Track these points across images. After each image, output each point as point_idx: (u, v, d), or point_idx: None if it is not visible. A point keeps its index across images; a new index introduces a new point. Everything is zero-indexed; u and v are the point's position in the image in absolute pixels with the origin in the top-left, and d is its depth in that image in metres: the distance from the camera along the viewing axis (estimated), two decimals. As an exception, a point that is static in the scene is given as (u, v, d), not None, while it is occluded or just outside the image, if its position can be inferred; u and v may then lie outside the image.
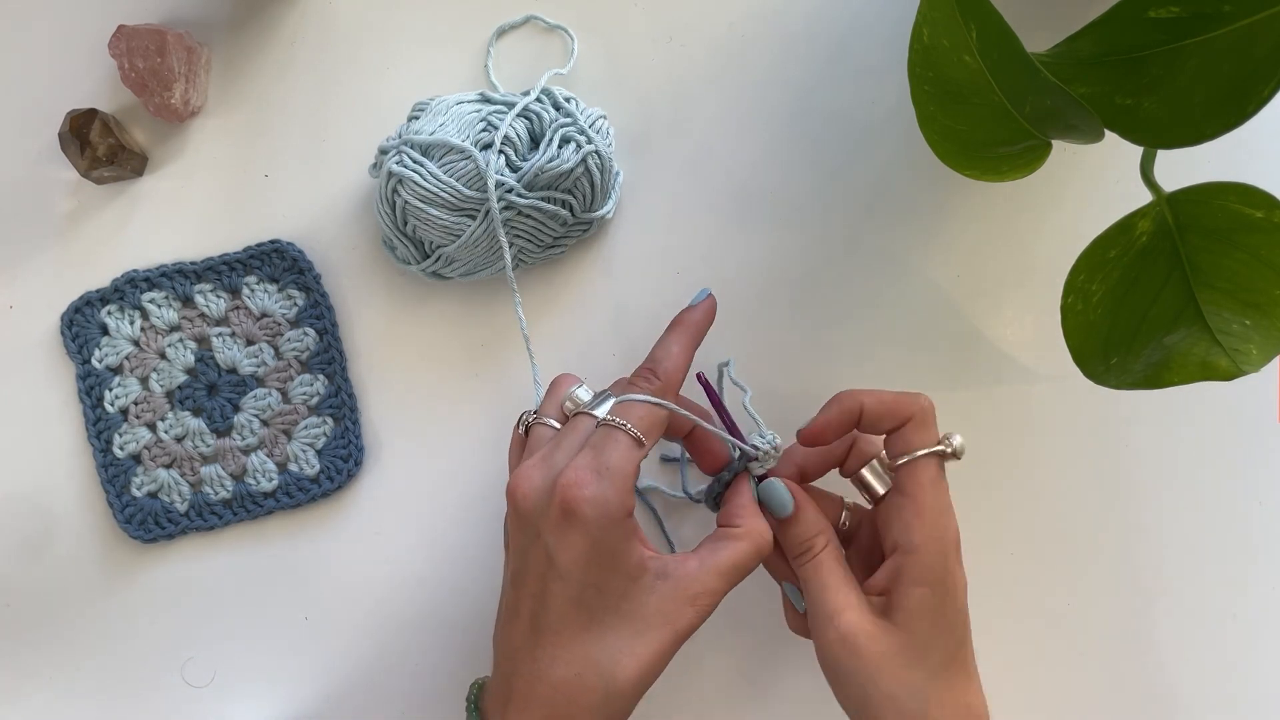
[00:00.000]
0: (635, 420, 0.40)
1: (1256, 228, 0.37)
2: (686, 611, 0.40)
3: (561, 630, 0.39)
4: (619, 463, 0.39)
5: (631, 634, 0.39)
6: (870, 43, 0.53)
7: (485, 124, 0.49)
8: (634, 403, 0.41)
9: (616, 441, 0.40)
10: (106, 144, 0.51)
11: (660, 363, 0.43)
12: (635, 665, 0.39)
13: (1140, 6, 0.36)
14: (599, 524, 0.38)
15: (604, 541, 0.39)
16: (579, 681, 0.39)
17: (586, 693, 0.39)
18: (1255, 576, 0.52)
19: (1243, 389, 0.43)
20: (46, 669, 0.52)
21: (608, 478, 0.39)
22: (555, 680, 0.39)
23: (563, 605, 0.39)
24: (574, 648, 0.39)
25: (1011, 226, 0.53)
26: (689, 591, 0.40)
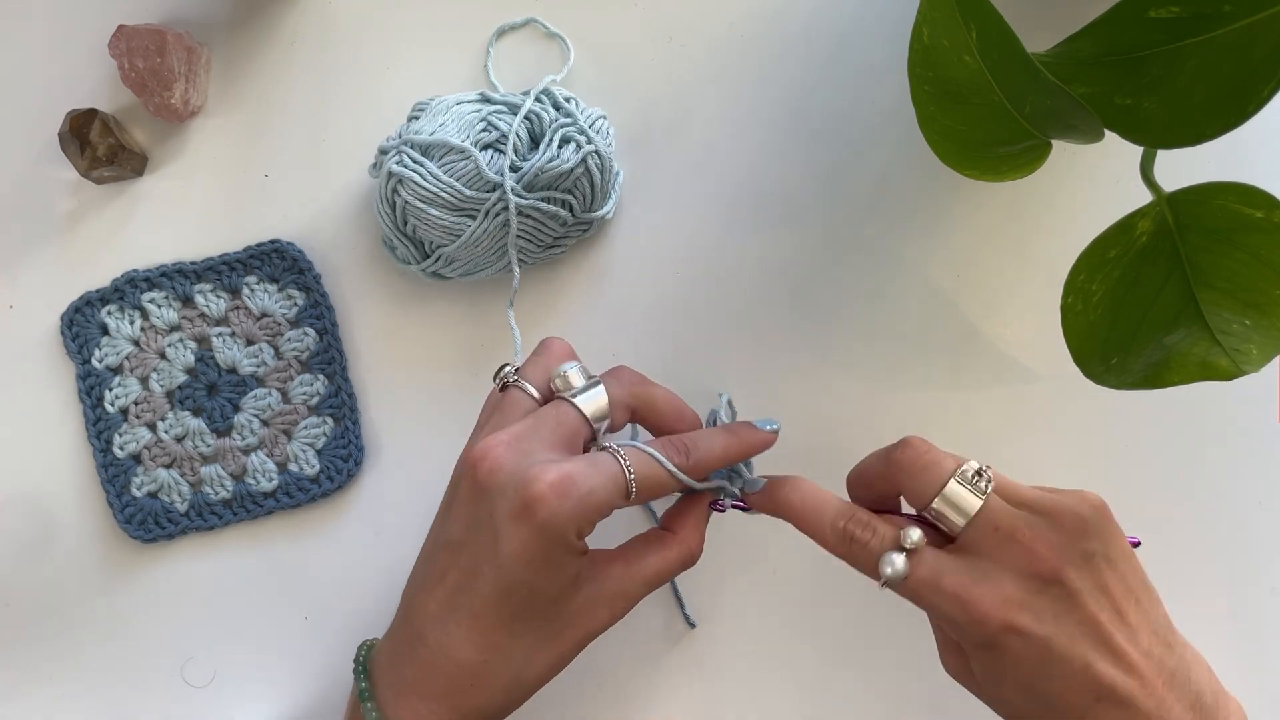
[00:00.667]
0: (641, 474, 0.39)
1: (1256, 228, 0.37)
2: (602, 613, 0.40)
3: (482, 616, 0.39)
4: (600, 497, 0.38)
5: (548, 634, 0.40)
6: (870, 43, 0.53)
7: (485, 124, 0.49)
8: (649, 460, 0.40)
9: (609, 477, 0.39)
10: (106, 144, 0.51)
11: (699, 448, 0.41)
12: (545, 663, 0.40)
13: (1140, 6, 0.36)
14: (553, 534, 0.37)
15: (552, 550, 0.38)
16: (486, 668, 0.39)
17: (491, 678, 0.39)
18: (1255, 576, 0.52)
19: (1243, 389, 0.43)
20: (46, 668, 0.52)
21: (582, 500, 0.38)
22: (462, 660, 0.39)
23: (491, 592, 0.38)
24: (490, 635, 0.39)
25: (1011, 226, 0.53)
26: (608, 594, 0.40)
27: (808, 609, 0.51)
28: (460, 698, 0.40)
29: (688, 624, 0.52)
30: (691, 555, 0.42)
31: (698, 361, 0.53)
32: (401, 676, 0.40)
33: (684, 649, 0.52)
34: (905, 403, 0.52)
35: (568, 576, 0.39)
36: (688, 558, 0.42)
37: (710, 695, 0.52)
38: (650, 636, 0.52)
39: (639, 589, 0.41)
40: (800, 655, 0.52)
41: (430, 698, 0.40)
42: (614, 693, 0.52)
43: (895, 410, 0.52)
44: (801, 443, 0.52)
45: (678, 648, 0.52)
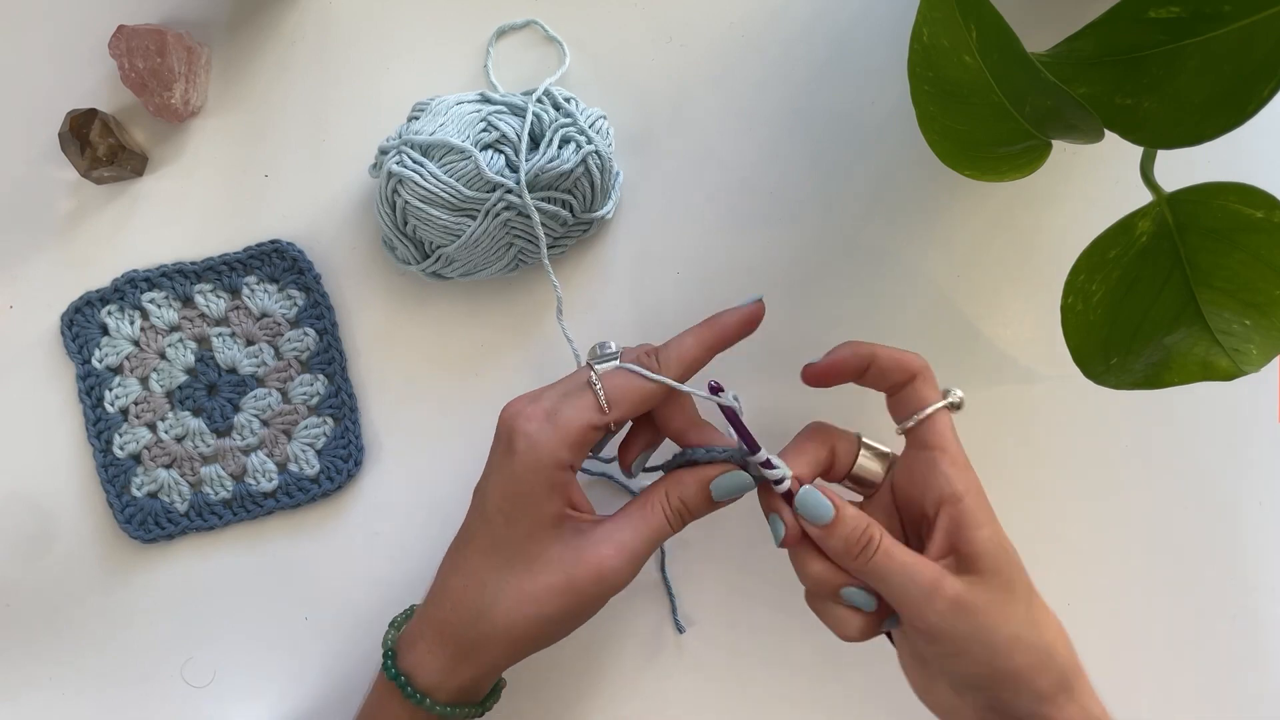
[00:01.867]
0: (609, 387, 0.41)
1: (1256, 228, 0.37)
2: (580, 568, 0.41)
3: (469, 543, 0.42)
4: (569, 417, 0.40)
5: (522, 571, 0.41)
6: (870, 43, 0.53)
7: (485, 124, 0.49)
8: (618, 371, 0.41)
9: (580, 397, 0.41)
10: (106, 144, 0.51)
11: (668, 349, 0.42)
12: (514, 597, 0.40)
13: (1140, 6, 0.36)
14: (524, 461, 0.40)
15: (525, 480, 0.40)
16: (463, 593, 0.41)
17: (465, 606, 0.41)
18: (1255, 576, 0.52)
19: (1243, 389, 0.43)
20: (46, 668, 0.52)
21: (552, 424, 0.40)
22: (450, 589, 0.42)
23: (476, 523, 0.42)
24: (473, 561, 0.42)
25: (1011, 226, 0.53)
26: (592, 548, 0.41)
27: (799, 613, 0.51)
28: (443, 620, 0.42)
29: (677, 629, 0.52)
30: (667, 507, 0.42)
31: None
32: (415, 617, 0.43)
33: (675, 653, 0.52)
34: (905, 403, 0.52)
35: (544, 514, 0.40)
36: (664, 511, 0.42)
37: (701, 699, 0.52)
38: (641, 640, 0.52)
39: (617, 541, 0.41)
40: (791, 659, 0.52)
41: (422, 621, 0.43)
42: (606, 696, 0.52)
43: (895, 410, 0.52)
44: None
45: (668, 652, 0.52)
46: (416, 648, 0.42)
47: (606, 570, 0.41)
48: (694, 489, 0.42)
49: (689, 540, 0.52)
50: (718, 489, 0.42)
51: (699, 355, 0.42)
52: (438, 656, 0.42)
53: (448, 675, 0.42)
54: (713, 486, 0.42)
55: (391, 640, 0.44)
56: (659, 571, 0.52)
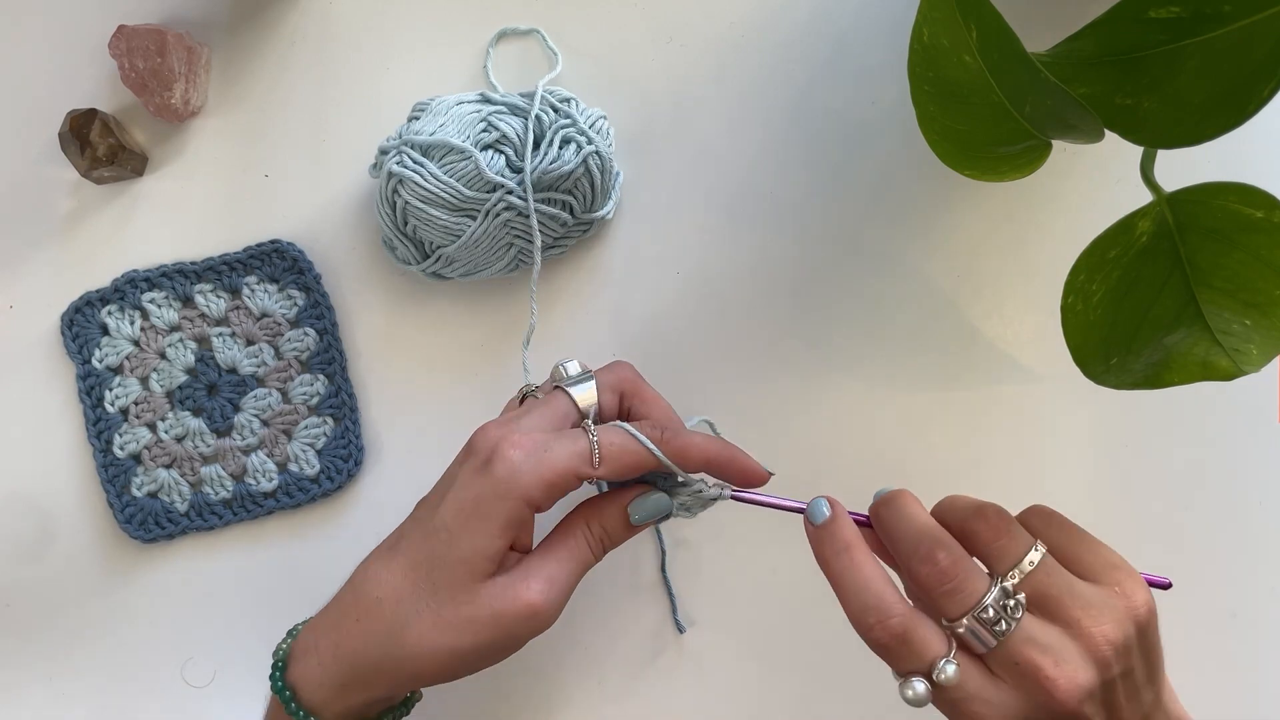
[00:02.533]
0: (605, 443, 0.39)
1: (1256, 228, 0.37)
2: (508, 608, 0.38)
3: (401, 555, 0.39)
4: (558, 460, 0.38)
5: (448, 599, 0.38)
6: (870, 42, 0.53)
7: (486, 124, 0.49)
8: (620, 431, 0.40)
9: (574, 443, 0.39)
10: (106, 144, 0.51)
11: (680, 439, 0.40)
12: (431, 629, 0.38)
13: (1140, 6, 0.36)
14: (497, 486, 0.38)
15: (489, 504, 0.38)
16: (378, 606, 0.39)
17: (374, 619, 0.39)
18: (1255, 576, 0.52)
19: (1243, 389, 0.43)
20: (46, 668, 0.52)
21: (539, 461, 0.38)
22: (363, 593, 0.39)
23: (413, 534, 0.39)
24: (398, 575, 0.39)
25: (1011, 226, 0.53)
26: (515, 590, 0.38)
27: (800, 614, 0.51)
28: (344, 633, 0.39)
29: (677, 629, 0.52)
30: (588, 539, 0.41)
31: (697, 361, 0.53)
32: (319, 614, 0.41)
33: (675, 653, 0.52)
34: (905, 403, 0.52)
35: (490, 545, 0.38)
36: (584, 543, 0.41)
37: (702, 699, 0.52)
38: (642, 640, 0.52)
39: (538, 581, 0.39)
40: (792, 660, 0.52)
41: (320, 629, 0.40)
42: (606, 696, 0.52)
43: (895, 410, 0.52)
44: (801, 442, 0.52)
45: (669, 652, 0.52)
46: (309, 658, 0.40)
47: (536, 607, 0.38)
48: (615, 517, 0.41)
49: (690, 540, 0.52)
50: (636, 512, 0.41)
51: (701, 462, 0.41)
52: (329, 672, 0.39)
53: (336, 696, 0.39)
54: (630, 509, 0.41)
55: (285, 647, 0.41)
56: (659, 572, 0.52)
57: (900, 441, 0.52)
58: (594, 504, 0.42)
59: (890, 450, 0.52)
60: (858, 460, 0.52)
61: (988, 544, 0.37)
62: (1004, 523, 0.38)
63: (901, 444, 0.52)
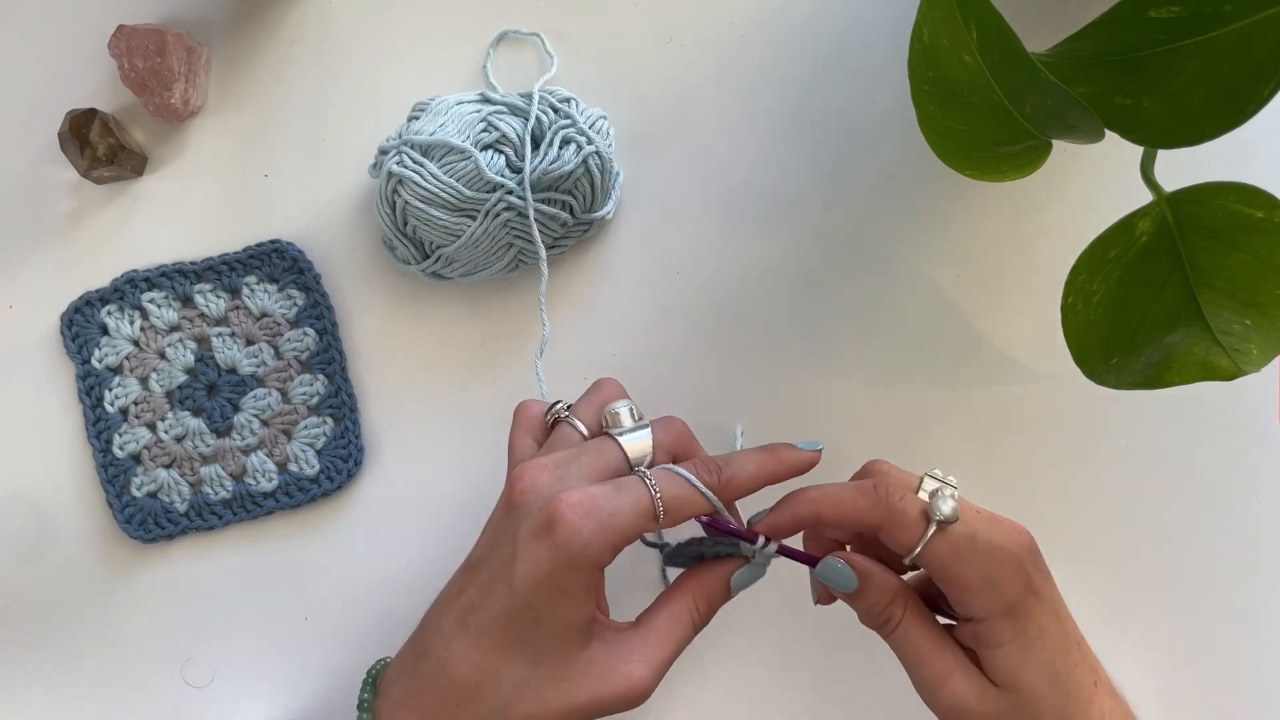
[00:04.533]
0: (668, 495, 0.38)
1: (1257, 228, 0.37)
2: (614, 684, 0.38)
3: (485, 635, 0.38)
4: (624, 519, 0.37)
5: (547, 676, 0.37)
6: (870, 42, 0.53)
7: (486, 124, 0.49)
8: (678, 478, 0.38)
9: (634, 500, 0.37)
10: (106, 144, 0.51)
11: (731, 466, 0.40)
12: (534, 705, 0.37)
13: (1140, 6, 0.36)
14: (569, 556, 0.36)
15: (565, 576, 0.37)
16: (475, 691, 0.38)
17: (476, 704, 0.38)
18: (1255, 576, 0.52)
19: (1243, 389, 0.43)
20: (46, 669, 0.52)
21: (604, 522, 0.37)
22: (455, 677, 0.38)
23: (499, 611, 0.38)
24: (488, 656, 0.38)
25: (1011, 226, 0.53)
26: (625, 662, 0.38)
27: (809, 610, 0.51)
28: (441, 714, 0.38)
29: None
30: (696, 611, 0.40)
31: (698, 361, 0.53)
32: (400, 690, 0.40)
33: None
34: (905, 403, 0.52)
35: (579, 614, 0.37)
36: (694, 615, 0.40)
37: (710, 695, 0.52)
38: None
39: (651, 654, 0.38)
40: (802, 656, 0.52)
41: (417, 711, 0.39)
42: None
43: (895, 410, 0.52)
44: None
45: None
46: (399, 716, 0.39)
47: (638, 692, 0.38)
48: (719, 590, 0.40)
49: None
50: (738, 583, 0.40)
51: (757, 487, 0.40)
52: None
53: None
54: (733, 582, 0.40)
55: (368, 702, 0.41)
56: (659, 574, 0.52)
57: (900, 441, 0.52)
58: (699, 578, 0.40)
59: (890, 450, 0.52)
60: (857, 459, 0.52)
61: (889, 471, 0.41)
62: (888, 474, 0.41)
63: (901, 443, 0.52)
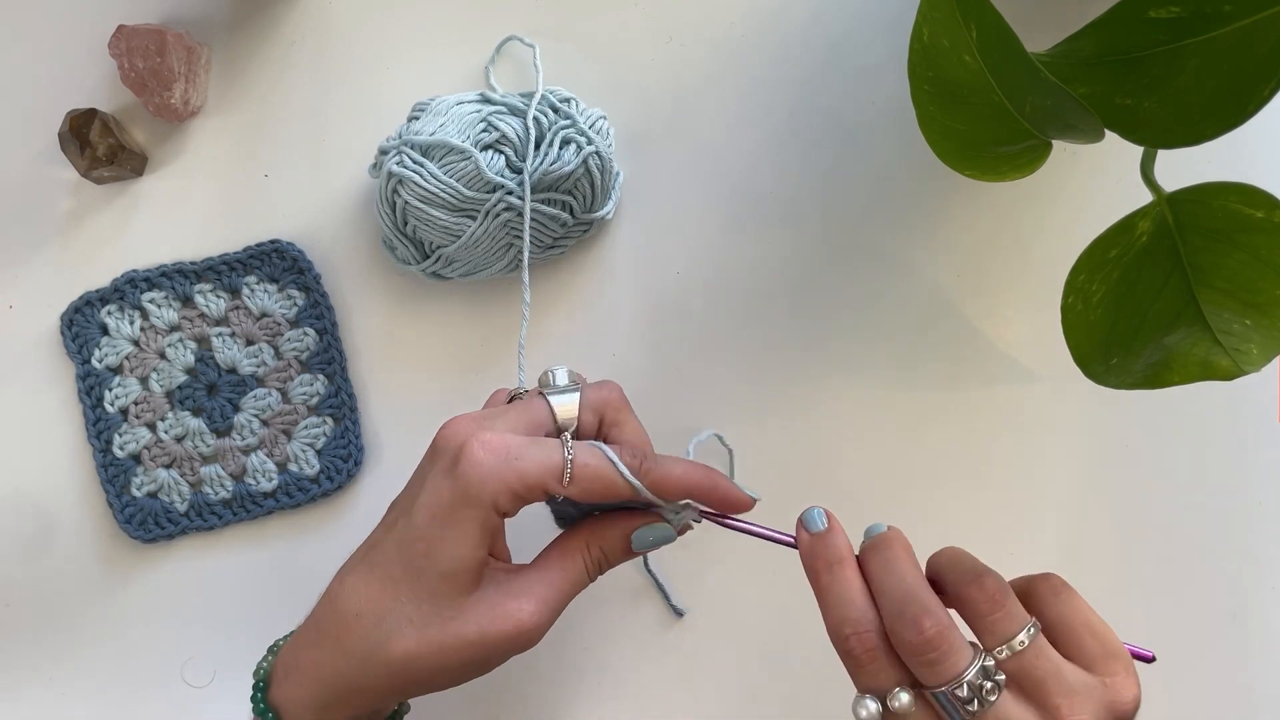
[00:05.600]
0: (580, 462, 0.38)
1: (1257, 228, 0.37)
2: (497, 626, 0.37)
3: (377, 568, 0.38)
4: (529, 466, 0.37)
5: (432, 614, 0.37)
6: (870, 43, 0.53)
7: (486, 124, 0.49)
8: (596, 452, 0.38)
9: (548, 455, 0.37)
10: (106, 144, 0.51)
11: (658, 462, 0.39)
12: (415, 643, 0.37)
13: (1140, 6, 0.36)
14: (466, 488, 0.36)
15: (461, 511, 0.37)
16: (356, 622, 0.38)
17: (357, 636, 0.37)
18: (1255, 576, 0.52)
19: (1243, 389, 0.43)
20: (46, 669, 0.52)
21: (510, 467, 0.37)
22: (340, 607, 0.38)
23: (393, 545, 0.38)
24: (376, 588, 0.38)
25: (1011, 226, 0.53)
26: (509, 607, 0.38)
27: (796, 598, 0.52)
28: (325, 650, 0.38)
29: (675, 613, 0.52)
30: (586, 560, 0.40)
31: (697, 361, 0.53)
32: (298, 631, 0.40)
33: (671, 638, 0.52)
34: (905, 402, 0.52)
35: (470, 555, 0.37)
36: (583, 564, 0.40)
37: (697, 683, 0.52)
38: (638, 625, 0.52)
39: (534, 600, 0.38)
40: (788, 644, 0.52)
41: (300, 647, 0.39)
42: (600, 681, 0.52)
43: (895, 409, 0.52)
44: (800, 441, 0.52)
45: (665, 636, 0.52)
46: (290, 678, 0.39)
47: (526, 627, 0.38)
48: (617, 540, 0.40)
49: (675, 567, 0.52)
50: (639, 541, 0.40)
51: (681, 492, 0.39)
52: (312, 693, 0.38)
53: (319, 717, 0.38)
54: (634, 539, 0.40)
55: (266, 667, 0.40)
56: (644, 570, 0.52)
57: (900, 441, 0.52)
58: (596, 525, 0.40)
59: (890, 450, 0.52)
60: (857, 460, 0.52)
61: (981, 615, 0.36)
62: (1002, 595, 0.36)
63: (901, 444, 0.52)
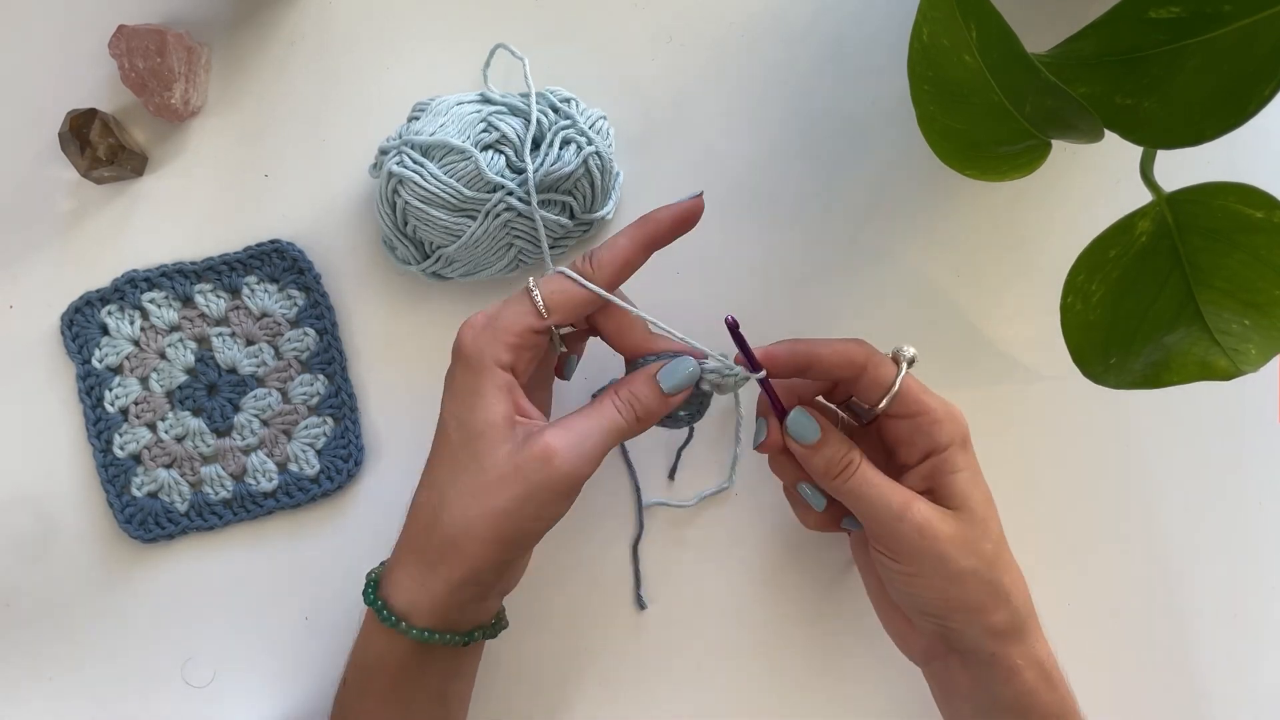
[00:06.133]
0: (546, 292, 0.42)
1: (1256, 228, 0.37)
2: (540, 468, 0.40)
3: (430, 462, 0.43)
4: (509, 319, 0.41)
5: (477, 471, 0.40)
6: (870, 42, 0.53)
7: (486, 125, 0.49)
8: (554, 276, 0.42)
9: (519, 302, 0.42)
10: (106, 144, 0.51)
11: (599, 251, 0.43)
12: (474, 500, 0.40)
13: (1140, 6, 0.36)
14: (467, 363, 0.41)
15: (469, 383, 0.41)
16: (427, 504, 0.42)
17: (437, 520, 0.41)
18: (1256, 576, 0.52)
19: (1243, 389, 0.43)
20: (47, 669, 0.52)
21: (490, 327, 0.41)
22: (419, 503, 0.43)
23: (436, 441, 0.42)
24: (434, 474, 0.42)
25: (1011, 226, 0.53)
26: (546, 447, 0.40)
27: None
28: (411, 541, 0.42)
29: (639, 605, 0.52)
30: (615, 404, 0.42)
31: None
32: (396, 547, 0.44)
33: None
34: (905, 403, 0.52)
35: (491, 413, 0.41)
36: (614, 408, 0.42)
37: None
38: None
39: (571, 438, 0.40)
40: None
41: (400, 550, 0.43)
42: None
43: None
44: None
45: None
46: (394, 572, 0.43)
47: (554, 454, 0.40)
48: (641, 381, 0.43)
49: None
50: (664, 377, 0.42)
51: (633, 256, 0.43)
52: (409, 574, 0.42)
53: (420, 591, 0.41)
54: (659, 376, 0.42)
55: (376, 571, 0.44)
56: (630, 548, 0.52)
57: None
58: (625, 376, 0.44)
59: (890, 450, 0.52)
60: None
61: None
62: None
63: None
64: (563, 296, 0.42)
